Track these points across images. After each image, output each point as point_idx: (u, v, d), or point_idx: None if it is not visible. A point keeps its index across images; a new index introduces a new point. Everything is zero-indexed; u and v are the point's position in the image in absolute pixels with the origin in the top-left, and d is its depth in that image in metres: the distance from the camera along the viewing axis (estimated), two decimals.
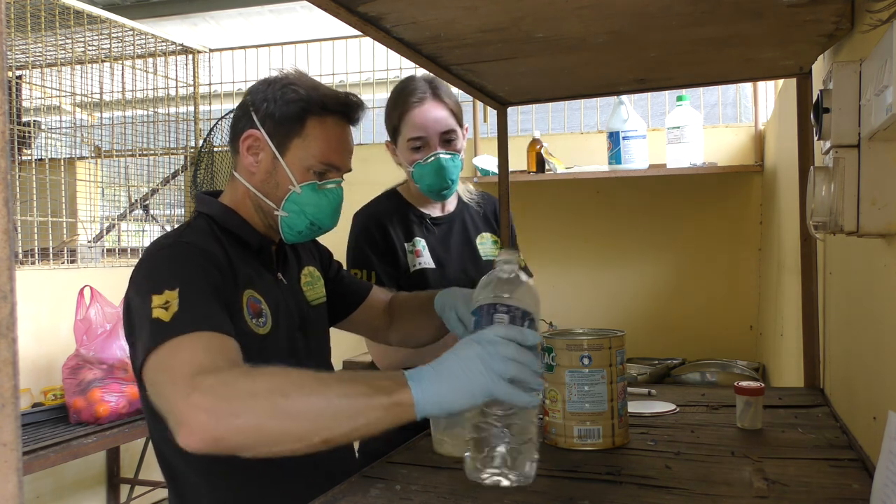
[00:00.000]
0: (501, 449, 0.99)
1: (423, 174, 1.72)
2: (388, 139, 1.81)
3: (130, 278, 1.18)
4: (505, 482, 1.00)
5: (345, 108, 1.29)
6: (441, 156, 1.71)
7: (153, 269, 1.15)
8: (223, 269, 1.18)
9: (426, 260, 1.80)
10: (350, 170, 1.33)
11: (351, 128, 1.32)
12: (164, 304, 1.06)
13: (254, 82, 1.35)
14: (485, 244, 1.89)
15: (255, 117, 1.27)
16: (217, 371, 0.96)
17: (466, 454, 1.02)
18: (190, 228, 1.26)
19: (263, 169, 1.28)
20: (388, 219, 1.80)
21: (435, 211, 1.86)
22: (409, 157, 1.73)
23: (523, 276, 1.07)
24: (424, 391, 0.92)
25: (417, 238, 1.81)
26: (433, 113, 1.71)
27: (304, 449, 0.93)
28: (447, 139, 1.72)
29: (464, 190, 1.93)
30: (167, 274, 1.12)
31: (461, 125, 1.78)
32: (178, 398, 0.94)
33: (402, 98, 1.73)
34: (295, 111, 1.25)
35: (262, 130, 1.26)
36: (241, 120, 1.30)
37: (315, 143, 1.26)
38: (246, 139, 1.27)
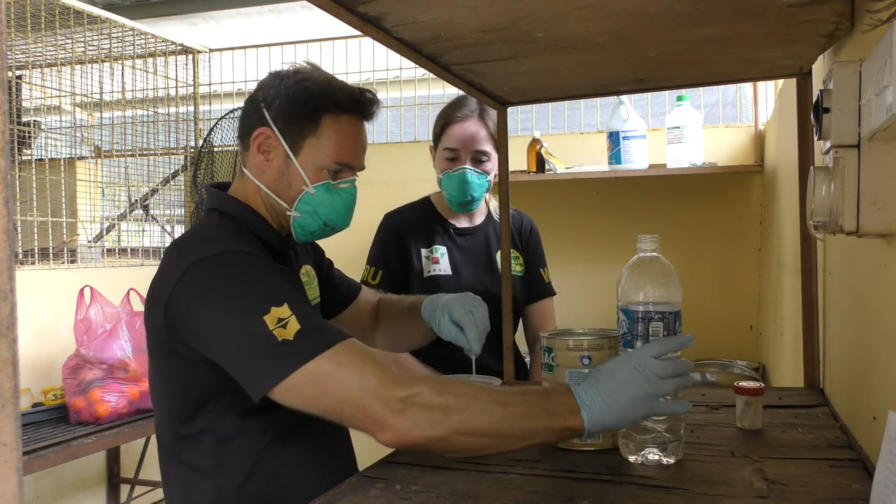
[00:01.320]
0: (654, 446, 1.08)
1: (450, 184, 1.83)
2: (432, 144, 1.93)
3: (189, 293, 1.11)
4: (658, 458, 1.08)
5: (359, 105, 1.26)
6: (468, 171, 1.81)
7: (232, 285, 1.10)
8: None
9: (442, 267, 1.89)
10: (363, 168, 1.30)
11: (365, 124, 1.30)
12: (281, 324, 1.05)
13: (262, 78, 1.30)
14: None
15: (266, 114, 1.23)
16: (403, 381, 1.02)
17: (621, 438, 1.12)
18: (222, 231, 1.21)
19: (275, 168, 1.24)
20: (409, 225, 1.92)
21: (462, 222, 1.96)
22: (442, 165, 1.86)
23: (662, 258, 1.12)
24: (594, 418, 1.00)
25: (437, 245, 1.91)
26: (472, 130, 1.83)
27: (481, 455, 1.08)
28: (478, 158, 1.84)
29: (495, 206, 2.01)
30: (259, 289, 1.09)
31: (497, 152, 1.86)
32: (375, 404, 1.01)
33: (451, 110, 1.86)
34: (309, 109, 1.21)
35: (275, 128, 1.22)
36: (251, 115, 1.25)
37: (329, 142, 1.23)
38: (257, 137, 1.23)
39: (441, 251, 1.90)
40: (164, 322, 1.14)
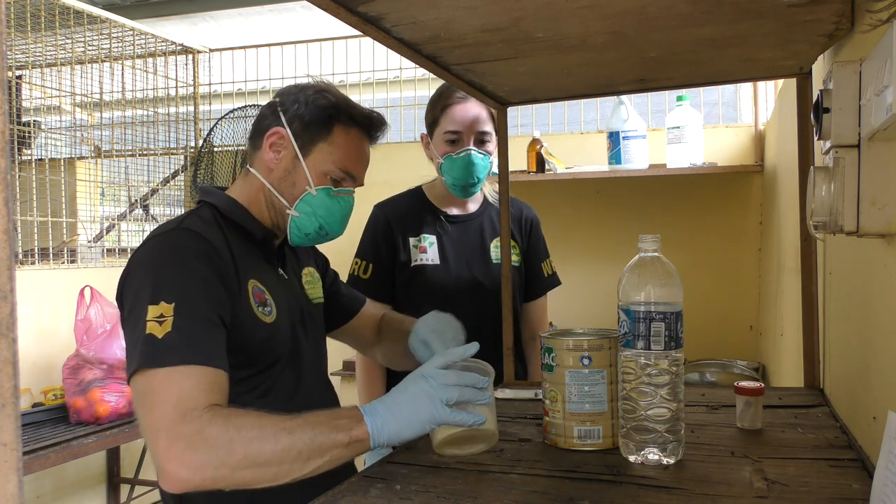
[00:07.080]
0: (654, 446, 1.07)
1: (453, 167, 1.78)
2: (425, 132, 1.87)
3: (130, 260, 1.19)
4: (658, 458, 1.08)
5: (370, 122, 1.35)
6: (473, 152, 1.77)
7: (152, 264, 1.16)
8: (224, 256, 1.20)
9: (430, 256, 1.83)
10: (363, 183, 1.37)
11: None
12: (158, 318, 1.08)
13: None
14: (500, 248, 1.89)
15: (282, 117, 1.31)
16: (199, 419, 1.02)
17: (621, 438, 1.12)
18: (192, 215, 1.28)
19: (283, 167, 1.31)
20: (398, 214, 1.87)
21: (454, 210, 1.90)
22: (442, 149, 1.80)
23: (663, 259, 1.12)
24: (378, 425, 1.06)
25: (426, 234, 1.85)
26: (473, 111, 1.78)
27: (273, 485, 1.04)
28: (481, 139, 1.79)
29: (490, 191, 1.96)
30: (166, 276, 1.13)
31: (496, 130, 1.83)
32: (160, 443, 1.01)
33: (448, 93, 1.81)
34: (324, 116, 1.30)
35: (289, 130, 1.31)
36: (267, 118, 1.34)
37: (338, 149, 1.31)
38: (271, 135, 1.31)
39: (430, 240, 1.84)
40: (119, 291, 1.20)
